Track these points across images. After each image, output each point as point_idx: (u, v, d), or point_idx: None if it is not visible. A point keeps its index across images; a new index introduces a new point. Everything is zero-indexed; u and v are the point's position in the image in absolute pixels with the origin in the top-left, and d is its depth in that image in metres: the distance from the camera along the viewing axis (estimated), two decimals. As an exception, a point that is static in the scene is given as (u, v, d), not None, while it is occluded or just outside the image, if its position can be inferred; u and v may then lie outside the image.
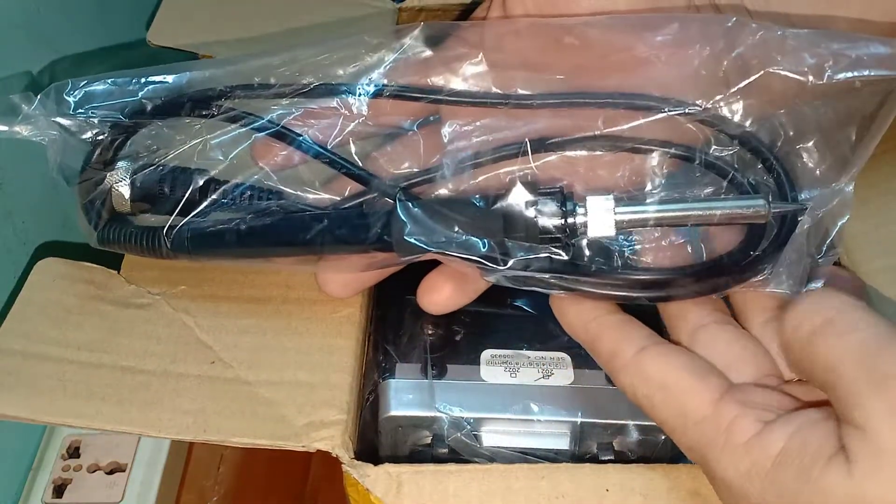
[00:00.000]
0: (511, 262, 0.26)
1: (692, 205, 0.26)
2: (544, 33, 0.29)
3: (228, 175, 0.30)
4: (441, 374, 0.33)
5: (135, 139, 0.31)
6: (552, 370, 0.33)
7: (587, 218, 0.26)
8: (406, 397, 0.32)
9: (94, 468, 0.42)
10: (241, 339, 0.32)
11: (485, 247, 0.26)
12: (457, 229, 0.26)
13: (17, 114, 0.30)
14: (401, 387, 0.33)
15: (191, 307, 0.33)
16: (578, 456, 0.33)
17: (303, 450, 0.28)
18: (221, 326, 0.32)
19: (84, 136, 0.30)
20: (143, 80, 0.31)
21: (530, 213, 0.26)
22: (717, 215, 0.26)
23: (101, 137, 0.30)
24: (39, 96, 0.30)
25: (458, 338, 0.35)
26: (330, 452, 0.28)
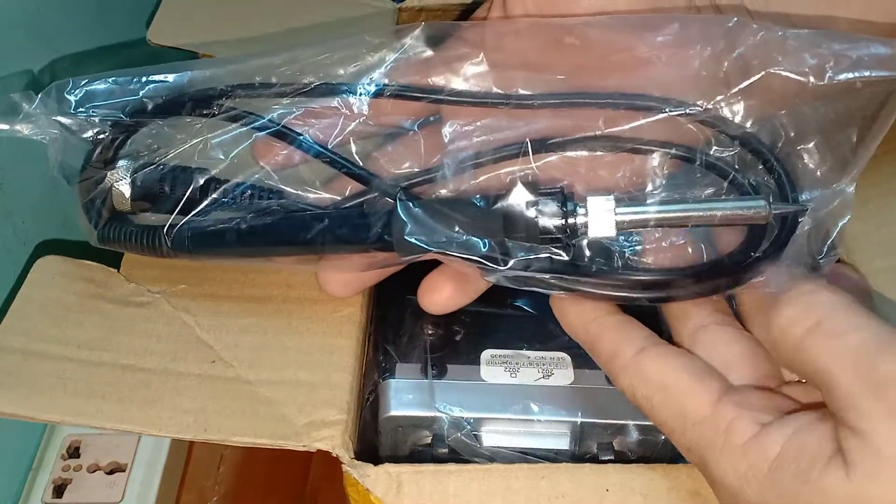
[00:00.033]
0: (511, 263, 0.26)
1: (693, 206, 0.26)
2: (545, 33, 0.29)
3: (229, 174, 0.30)
4: (441, 374, 0.33)
5: (135, 138, 0.31)
6: (552, 370, 0.33)
7: (588, 218, 0.26)
8: (406, 397, 0.32)
9: (94, 468, 0.42)
10: (241, 339, 0.32)
11: (485, 247, 0.26)
12: (457, 229, 0.26)
13: (17, 112, 0.30)
14: (401, 387, 0.33)
15: (191, 306, 0.33)
16: (578, 456, 0.33)
17: (303, 449, 0.28)
18: (222, 325, 0.32)
19: (85, 135, 0.30)
20: (143, 79, 0.31)
21: (531, 213, 0.26)
22: (718, 216, 0.26)
23: (101, 136, 0.30)
24: (40, 95, 0.30)
25: (458, 338, 0.35)
26: (330, 452, 0.28)
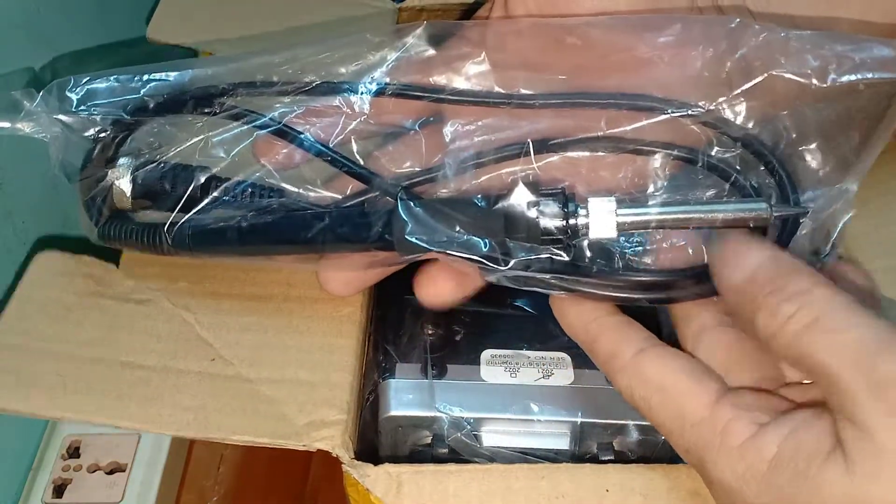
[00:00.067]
0: (512, 263, 0.26)
1: (694, 207, 0.26)
2: (546, 33, 0.29)
3: (230, 172, 0.30)
4: (441, 374, 0.33)
5: (136, 136, 0.31)
6: (552, 370, 0.33)
7: (589, 219, 0.26)
8: (406, 397, 0.32)
9: (94, 468, 0.42)
10: (241, 337, 0.32)
11: (486, 247, 0.26)
12: (458, 229, 0.26)
13: (19, 111, 0.30)
14: (401, 387, 0.33)
15: (191, 303, 0.33)
16: (578, 456, 0.33)
17: (303, 449, 0.28)
18: (222, 323, 0.32)
19: (86, 134, 0.30)
20: (145, 77, 0.31)
21: (532, 213, 0.26)
22: (719, 218, 0.26)
23: (102, 134, 0.30)
24: (42, 93, 0.30)
25: (458, 338, 0.35)
26: (330, 452, 0.28)
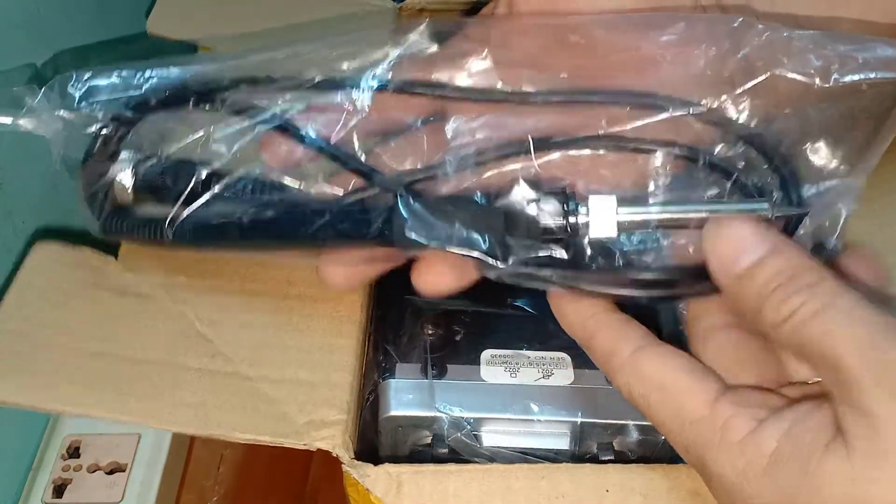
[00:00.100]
0: (512, 260, 0.26)
1: (695, 207, 0.26)
2: (550, 31, 0.29)
3: (231, 168, 0.30)
4: (441, 374, 0.33)
5: (138, 131, 0.31)
6: (552, 370, 0.33)
7: (589, 218, 0.26)
8: (406, 397, 0.32)
9: (94, 468, 0.42)
10: (241, 334, 0.31)
11: (486, 244, 0.26)
12: (458, 226, 0.26)
13: (20, 107, 0.30)
14: (401, 387, 0.33)
15: (190, 299, 0.32)
16: (578, 456, 0.33)
17: (304, 448, 0.28)
18: (222, 320, 0.32)
19: (88, 129, 0.30)
20: (147, 72, 0.31)
21: (532, 211, 0.26)
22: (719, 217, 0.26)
23: (104, 130, 0.30)
24: (43, 89, 0.30)
25: (458, 338, 0.35)
26: (330, 452, 0.28)
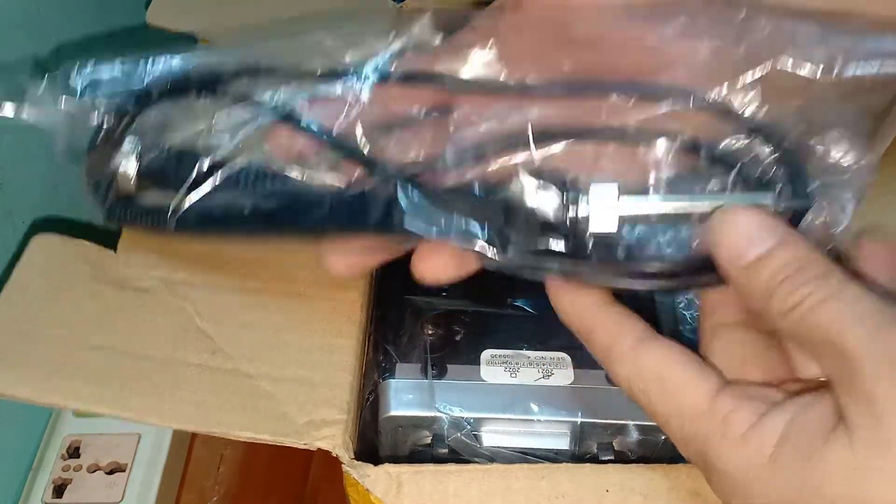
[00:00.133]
0: (512, 251, 0.26)
1: (698, 199, 0.26)
2: (555, 25, 0.29)
3: (234, 157, 0.30)
4: (441, 374, 0.33)
5: (141, 121, 0.31)
6: (552, 370, 0.33)
7: (590, 209, 0.26)
8: (406, 397, 0.32)
9: (94, 468, 0.42)
10: (241, 333, 0.31)
11: (485, 234, 0.26)
12: (457, 216, 0.26)
13: (23, 98, 0.30)
14: (401, 387, 0.33)
15: (190, 294, 0.32)
16: (578, 456, 0.33)
17: (304, 447, 0.28)
18: (222, 317, 0.32)
19: (91, 119, 0.30)
20: (150, 62, 0.31)
21: (532, 202, 0.26)
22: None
23: (107, 119, 0.31)
24: (45, 81, 0.30)
25: (458, 338, 0.35)
26: (330, 452, 0.28)
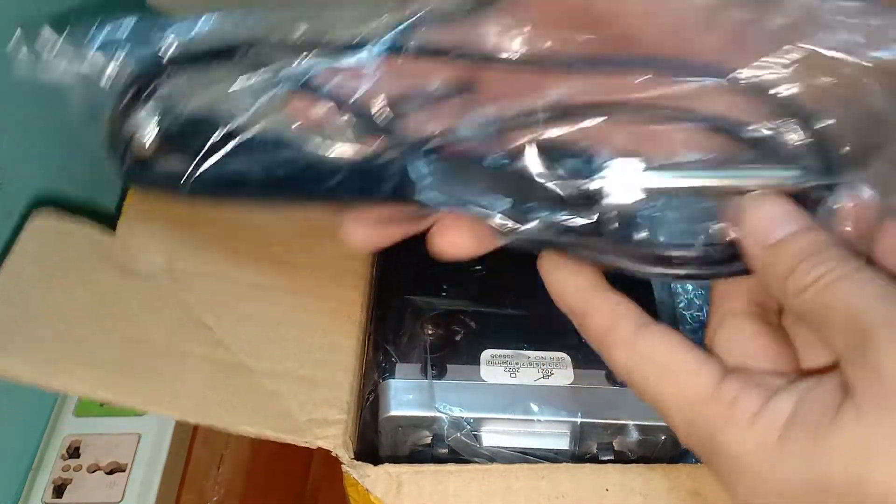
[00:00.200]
0: (528, 225, 0.25)
1: (723, 173, 0.25)
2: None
3: (251, 124, 0.30)
4: (441, 374, 0.33)
5: (159, 85, 0.31)
6: (552, 370, 0.33)
7: (610, 183, 0.25)
8: (406, 397, 0.32)
9: (94, 468, 0.42)
10: (242, 325, 0.31)
11: (503, 207, 0.26)
12: (475, 188, 0.26)
13: (40, 58, 0.30)
14: (401, 387, 0.33)
15: (192, 284, 0.32)
16: (578, 456, 0.33)
17: (305, 445, 0.28)
18: (222, 309, 0.32)
19: (108, 81, 0.30)
20: (168, 27, 0.31)
21: (551, 175, 0.26)
22: (749, 184, 0.25)
23: (125, 82, 0.30)
24: (63, 39, 0.30)
25: (458, 338, 0.35)
26: (330, 451, 0.28)
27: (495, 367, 0.33)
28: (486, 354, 0.34)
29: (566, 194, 0.26)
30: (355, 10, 0.30)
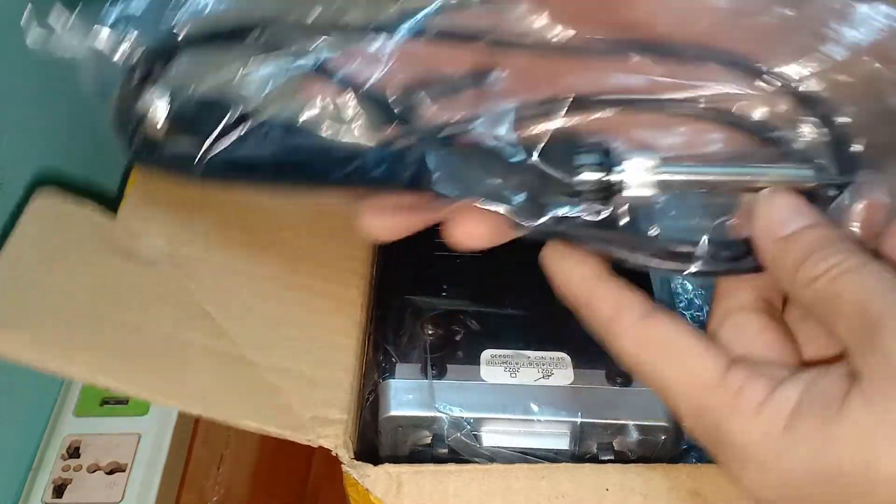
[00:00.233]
0: (544, 217, 0.25)
1: (737, 170, 0.25)
2: None
3: (264, 107, 0.30)
4: (441, 374, 0.33)
5: (171, 65, 0.31)
6: (552, 370, 0.33)
7: (627, 176, 0.25)
8: (406, 397, 0.32)
9: (94, 468, 0.42)
10: (245, 318, 0.31)
11: (518, 198, 0.25)
12: (490, 179, 0.26)
13: (51, 32, 0.29)
14: (401, 387, 0.33)
15: (194, 272, 0.32)
16: (578, 456, 0.33)
17: (308, 443, 0.28)
18: (225, 299, 0.32)
19: (119, 59, 0.30)
20: (182, 6, 0.30)
21: (568, 167, 0.26)
22: (762, 181, 0.25)
23: (136, 62, 0.30)
24: (75, 16, 0.30)
25: (458, 338, 0.35)
26: (331, 450, 0.28)
27: (495, 367, 0.33)
28: (486, 354, 0.34)
29: (583, 187, 0.25)
30: (374, -6, 0.29)
